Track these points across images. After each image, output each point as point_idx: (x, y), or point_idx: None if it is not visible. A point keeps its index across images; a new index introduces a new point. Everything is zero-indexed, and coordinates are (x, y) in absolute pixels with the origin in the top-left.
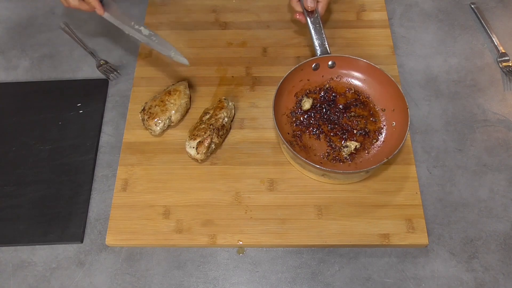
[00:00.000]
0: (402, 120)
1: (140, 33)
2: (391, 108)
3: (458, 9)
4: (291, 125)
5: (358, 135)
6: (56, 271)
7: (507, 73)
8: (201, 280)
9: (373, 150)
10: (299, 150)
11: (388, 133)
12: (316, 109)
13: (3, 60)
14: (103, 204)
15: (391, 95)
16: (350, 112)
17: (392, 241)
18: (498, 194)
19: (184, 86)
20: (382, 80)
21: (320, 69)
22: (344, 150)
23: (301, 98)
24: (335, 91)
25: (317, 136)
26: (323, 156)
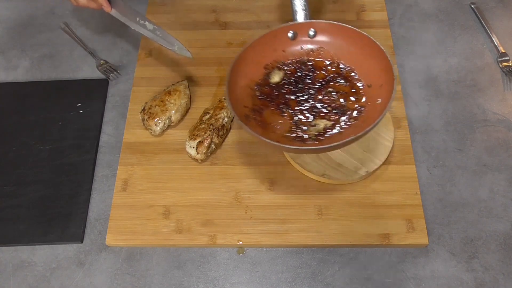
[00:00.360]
0: (389, 96)
1: (145, 28)
2: (378, 84)
3: (458, 9)
4: (253, 98)
5: (332, 114)
6: (56, 271)
7: (507, 73)
8: (201, 280)
9: (348, 132)
10: (255, 125)
11: (369, 111)
12: (286, 83)
13: (3, 60)
14: (103, 204)
15: (380, 68)
16: (327, 88)
17: (392, 241)
18: (498, 194)
19: (184, 86)
20: (371, 51)
21: (298, 38)
22: (310, 129)
23: (271, 70)
24: (314, 65)
25: (281, 112)
26: (284, 134)
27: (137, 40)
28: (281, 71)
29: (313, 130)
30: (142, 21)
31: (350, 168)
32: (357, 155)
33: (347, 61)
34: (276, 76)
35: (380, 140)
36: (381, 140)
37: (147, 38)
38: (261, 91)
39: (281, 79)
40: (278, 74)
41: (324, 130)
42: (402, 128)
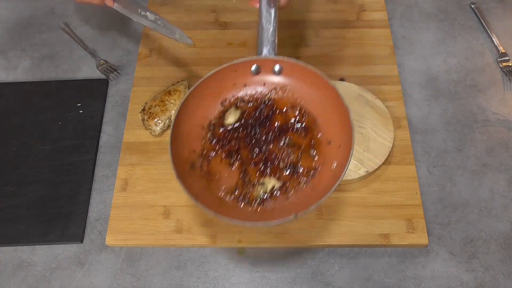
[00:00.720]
0: (345, 162)
1: (147, 18)
2: (337, 143)
3: (458, 9)
4: (203, 140)
5: (284, 172)
6: (56, 271)
7: (507, 73)
8: (201, 280)
9: (295, 198)
10: (200, 177)
11: (323, 176)
12: (242, 126)
13: (3, 60)
14: (103, 204)
15: (342, 126)
16: (285, 138)
17: (392, 241)
18: (498, 194)
19: (184, 86)
20: (336, 103)
21: (262, 73)
22: (258, 188)
23: (228, 108)
24: (275, 106)
25: (230, 163)
26: (227, 191)
27: (137, 40)
28: (238, 111)
29: (260, 190)
30: (144, 12)
31: (350, 168)
32: (357, 155)
33: (310, 108)
34: (231, 117)
35: (380, 140)
36: (381, 140)
37: (147, 38)
38: (213, 132)
39: (237, 120)
40: (234, 114)
41: (270, 192)
42: (402, 128)
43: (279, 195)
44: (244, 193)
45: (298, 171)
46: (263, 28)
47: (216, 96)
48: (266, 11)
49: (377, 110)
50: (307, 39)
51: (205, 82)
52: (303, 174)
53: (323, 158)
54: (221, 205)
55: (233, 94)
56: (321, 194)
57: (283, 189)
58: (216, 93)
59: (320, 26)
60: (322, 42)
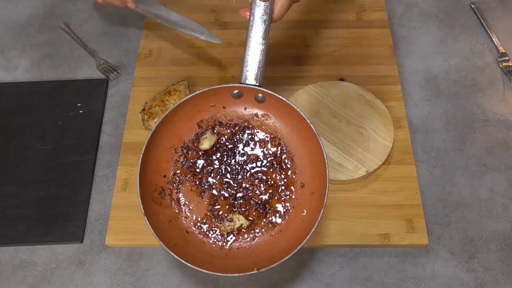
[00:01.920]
0: (315, 214)
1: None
2: (310, 189)
3: (458, 9)
4: (176, 164)
5: (254, 209)
6: (56, 271)
7: (507, 73)
8: (201, 280)
9: (259, 240)
10: (167, 205)
11: (292, 222)
12: (217, 152)
13: (3, 60)
14: (103, 204)
15: (317, 173)
16: (259, 173)
17: (392, 241)
18: (498, 194)
19: (184, 86)
20: (314, 148)
21: (244, 98)
22: (225, 224)
23: (204, 130)
24: (254, 135)
25: (201, 192)
26: (195, 223)
27: (137, 40)
28: (214, 136)
29: (227, 227)
30: (168, 14)
31: (350, 168)
32: (357, 155)
33: (289, 144)
34: (206, 142)
35: (380, 140)
36: (381, 140)
37: (147, 38)
38: (186, 156)
39: (212, 146)
40: (209, 139)
41: (237, 230)
42: (402, 128)
43: (246, 234)
44: (211, 227)
45: (268, 211)
46: (250, 48)
47: (193, 116)
48: (256, 29)
49: (377, 110)
50: (307, 39)
51: (182, 104)
52: (273, 214)
53: (294, 201)
54: (186, 240)
55: (210, 115)
56: (288, 241)
57: (250, 228)
58: (192, 113)
59: (320, 26)
60: (322, 42)
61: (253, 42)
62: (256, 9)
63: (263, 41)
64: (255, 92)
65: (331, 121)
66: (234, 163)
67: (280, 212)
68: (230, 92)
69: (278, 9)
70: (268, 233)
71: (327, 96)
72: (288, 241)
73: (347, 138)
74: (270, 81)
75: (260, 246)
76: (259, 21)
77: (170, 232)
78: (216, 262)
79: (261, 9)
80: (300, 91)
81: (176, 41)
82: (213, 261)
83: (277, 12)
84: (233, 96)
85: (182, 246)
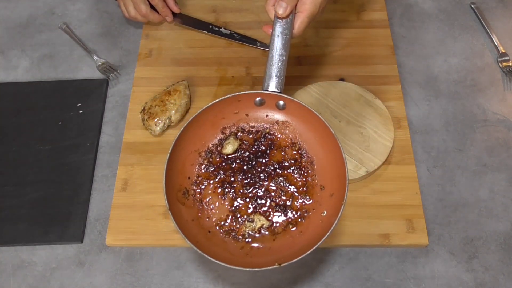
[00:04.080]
0: (334, 213)
1: (221, 33)
2: (330, 191)
3: (458, 9)
4: (199, 167)
5: (274, 211)
6: (56, 271)
7: (507, 73)
8: (201, 280)
9: (280, 240)
10: (191, 205)
11: (312, 223)
12: (239, 158)
13: (3, 60)
14: (103, 204)
15: (336, 175)
16: (280, 176)
17: (392, 241)
18: (498, 194)
19: (184, 86)
20: (333, 151)
21: (266, 105)
22: (246, 224)
23: (227, 136)
24: (275, 141)
25: (223, 194)
26: (217, 223)
27: (137, 40)
28: (237, 141)
29: (248, 227)
30: (216, 27)
31: (350, 168)
32: (357, 155)
33: (309, 149)
34: (230, 146)
35: (380, 140)
36: (381, 140)
37: (147, 38)
38: (210, 160)
39: (235, 150)
40: (232, 144)
41: (258, 231)
42: (402, 128)
43: (267, 234)
44: (232, 228)
45: (288, 212)
46: (272, 59)
47: (217, 123)
48: (278, 42)
49: (377, 110)
50: (307, 39)
51: (207, 110)
52: (293, 216)
53: (314, 203)
54: (208, 239)
55: (234, 122)
56: (308, 240)
57: (271, 229)
58: (216, 119)
59: (320, 26)
60: (322, 42)
61: (275, 55)
62: (277, 25)
63: (284, 53)
64: (276, 99)
65: (331, 121)
66: (256, 167)
67: (301, 214)
68: (253, 99)
69: (298, 25)
70: (289, 234)
71: (327, 96)
72: (308, 240)
73: (347, 138)
74: None
75: (280, 246)
76: (280, 36)
77: (192, 230)
78: (236, 260)
79: (282, 25)
80: (300, 91)
81: (176, 41)
82: (234, 259)
83: (297, 28)
84: (256, 104)
85: (203, 244)
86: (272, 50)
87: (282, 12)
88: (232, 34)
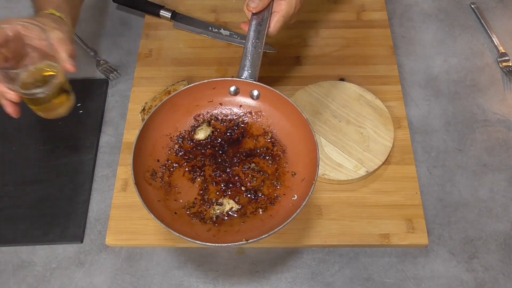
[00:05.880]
0: (305, 196)
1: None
2: (301, 176)
3: (458, 9)
4: (170, 151)
5: (245, 196)
6: (56, 271)
7: (507, 73)
8: (201, 280)
9: (251, 223)
10: (158, 187)
11: (282, 207)
12: (210, 144)
13: None
14: (103, 204)
15: (309, 159)
16: (251, 163)
17: (392, 241)
18: (498, 194)
19: (184, 86)
20: (307, 137)
21: (240, 95)
22: (215, 207)
23: (200, 123)
24: (247, 130)
25: (192, 178)
26: (185, 206)
27: (137, 40)
28: (210, 128)
29: (217, 210)
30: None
31: (350, 168)
32: (357, 155)
33: (281, 137)
34: (202, 133)
35: (380, 140)
36: (381, 140)
37: (147, 38)
38: (181, 145)
39: (207, 137)
40: (205, 131)
41: (227, 213)
42: (402, 128)
43: (236, 217)
44: (200, 210)
45: (258, 197)
46: (248, 51)
47: (190, 110)
48: (253, 37)
49: (377, 110)
50: (307, 39)
51: (181, 94)
52: (263, 201)
53: (285, 188)
54: (174, 220)
55: (207, 111)
56: (278, 223)
57: (240, 212)
58: (191, 106)
59: (320, 26)
60: (322, 42)
61: (250, 46)
62: (253, 21)
63: (259, 45)
64: (251, 87)
65: (331, 121)
66: (227, 153)
67: (271, 199)
68: (227, 88)
69: (273, 24)
70: (258, 218)
71: (327, 96)
72: (278, 223)
73: (347, 138)
74: (270, 81)
75: (249, 229)
76: (255, 30)
77: (158, 210)
78: (203, 237)
79: (257, 21)
80: (300, 91)
81: (176, 41)
82: (199, 238)
83: (272, 26)
84: (230, 93)
85: (169, 223)
86: (248, 42)
87: (254, 6)
88: (232, 36)
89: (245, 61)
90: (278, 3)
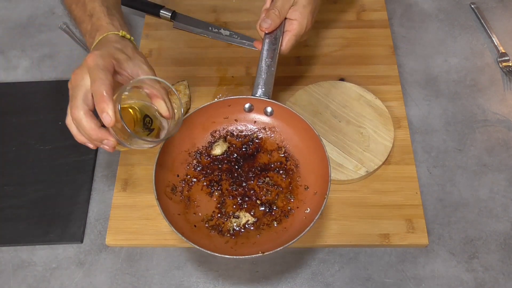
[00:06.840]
0: (318, 209)
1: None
2: (314, 190)
3: (458, 9)
4: (188, 166)
5: (260, 209)
6: (56, 271)
7: (507, 73)
8: (201, 280)
9: (266, 235)
10: (178, 201)
11: (296, 219)
12: (227, 159)
13: (3, 60)
14: (103, 204)
15: (320, 175)
16: (265, 177)
17: (392, 241)
18: (498, 194)
19: (184, 86)
20: (318, 152)
21: (254, 112)
22: (232, 220)
23: (217, 139)
24: (261, 145)
25: (210, 192)
26: (203, 219)
27: (137, 40)
28: (226, 144)
29: (234, 222)
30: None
31: (350, 168)
32: (357, 155)
33: (294, 152)
34: (219, 148)
35: (380, 140)
36: (381, 140)
37: (147, 38)
38: (199, 160)
39: (223, 152)
40: (221, 146)
41: (243, 226)
42: (402, 128)
43: (252, 230)
44: (218, 223)
45: (273, 210)
46: (262, 69)
47: (207, 127)
48: (267, 56)
49: (377, 110)
50: (307, 39)
51: (199, 112)
52: (277, 213)
53: (298, 202)
54: (194, 233)
55: (223, 127)
56: (292, 235)
57: (256, 225)
58: (207, 123)
59: (320, 26)
60: (322, 42)
61: (264, 65)
62: (266, 40)
63: (273, 64)
64: (264, 105)
65: (331, 121)
66: (243, 168)
67: (285, 211)
68: (242, 105)
69: (285, 42)
70: (273, 230)
71: (327, 96)
72: (292, 235)
73: (347, 138)
74: None
75: (264, 242)
76: (269, 49)
77: (178, 223)
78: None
79: (270, 40)
80: (300, 91)
81: (176, 41)
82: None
83: (284, 44)
84: (245, 110)
85: (189, 236)
86: (262, 61)
87: (267, 26)
88: (232, 36)
89: (259, 79)
90: (290, 22)
